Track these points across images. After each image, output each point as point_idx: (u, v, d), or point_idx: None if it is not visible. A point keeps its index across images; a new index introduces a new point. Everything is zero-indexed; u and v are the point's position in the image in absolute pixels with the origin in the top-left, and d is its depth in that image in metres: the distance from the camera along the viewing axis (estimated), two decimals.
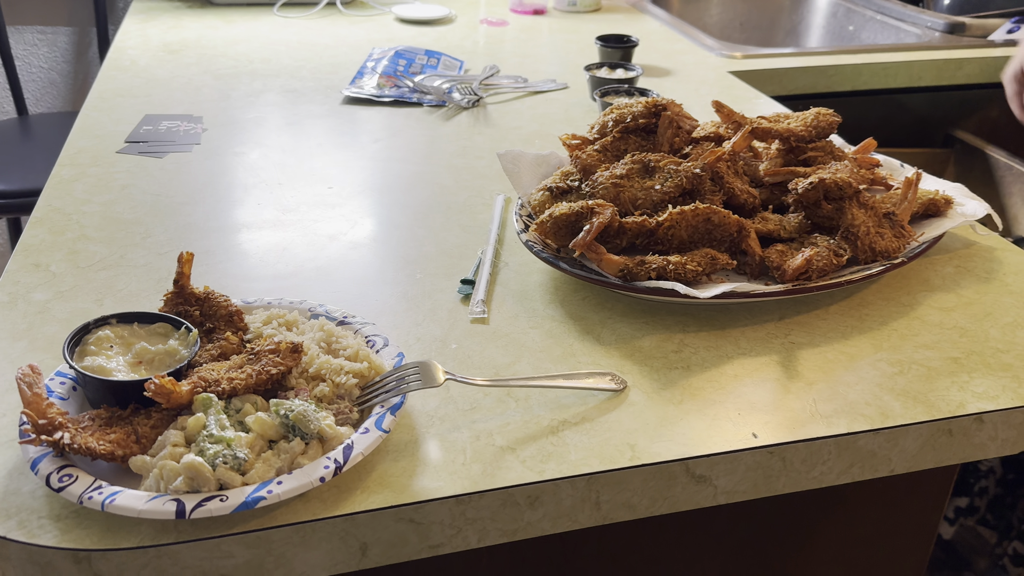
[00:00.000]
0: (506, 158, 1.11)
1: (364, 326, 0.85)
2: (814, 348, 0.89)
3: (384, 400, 0.75)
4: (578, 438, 0.76)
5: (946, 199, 1.06)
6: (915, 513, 1.00)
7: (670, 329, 0.91)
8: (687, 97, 1.59)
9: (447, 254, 1.05)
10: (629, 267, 0.92)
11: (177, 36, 1.84)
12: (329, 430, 0.70)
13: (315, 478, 0.67)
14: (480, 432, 0.76)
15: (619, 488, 0.73)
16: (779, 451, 0.76)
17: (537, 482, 0.71)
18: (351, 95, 1.54)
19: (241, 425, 0.71)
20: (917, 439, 0.79)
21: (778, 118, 1.14)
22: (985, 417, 0.80)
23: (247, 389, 0.73)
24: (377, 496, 0.69)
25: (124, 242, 1.05)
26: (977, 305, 0.96)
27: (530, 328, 0.91)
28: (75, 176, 1.22)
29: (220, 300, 0.84)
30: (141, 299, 0.94)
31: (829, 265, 0.94)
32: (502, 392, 0.81)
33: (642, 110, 1.10)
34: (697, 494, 0.76)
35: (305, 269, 1.01)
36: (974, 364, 0.87)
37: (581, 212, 0.96)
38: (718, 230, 0.96)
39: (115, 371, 0.75)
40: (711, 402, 0.81)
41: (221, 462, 0.66)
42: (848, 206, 0.97)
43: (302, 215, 1.14)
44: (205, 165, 1.27)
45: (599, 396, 0.81)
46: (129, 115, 1.43)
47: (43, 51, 2.36)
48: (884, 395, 0.82)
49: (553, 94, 1.60)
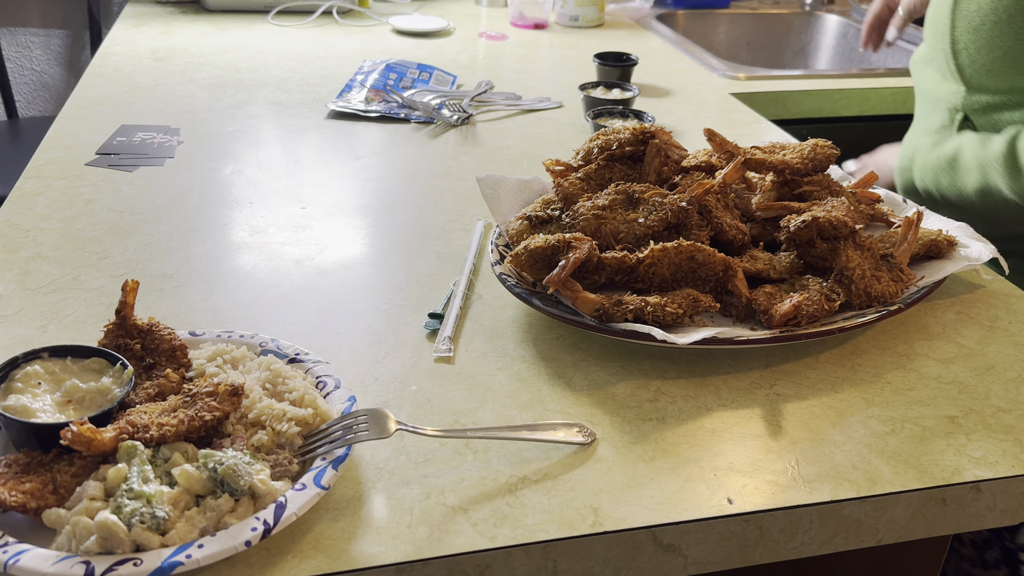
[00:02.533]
0: (486, 183, 1.06)
1: (316, 365, 0.79)
2: (801, 401, 0.83)
3: (328, 451, 0.69)
4: (537, 498, 0.70)
5: (949, 240, 1.00)
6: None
7: (647, 375, 0.85)
8: (685, 120, 1.53)
9: (418, 284, 1.00)
10: (605, 307, 0.86)
11: (166, 43, 1.79)
12: (262, 485, 0.64)
13: (240, 541, 0.61)
14: (431, 488, 0.70)
15: (579, 557, 0.67)
16: (756, 519, 0.70)
17: (488, 549, 0.65)
18: (337, 109, 1.48)
19: (168, 477, 0.65)
20: (907, 508, 0.73)
21: (773, 148, 1.08)
22: (983, 486, 0.74)
23: (177, 436, 0.68)
24: (310, 562, 0.63)
25: (79, 262, 1.00)
26: (979, 357, 0.90)
27: (498, 370, 0.86)
28: (39, 189, 1.17)
29: (164, 333, 0.79)
30: (87, 327, 0.89)
31: (820, 311, 0.87)
32: (460, 443, 0.75)
33: (629, 137, 1.04)
34: (665, 564, 0.70)
35: (265, 297, 0.95)
36: (973, 424, 0.80)
37: (558, 245, 0.90)
38: (702, 269, 0.90)
39: (40, 411, 0.70)
40: (685, 460, 0.75)
41: (138, 521, 0.61)
42: (843, 247, 0.91)
43: (270, 237, 1.08)
44: (176, 180, 1.21)
45: (565, 449, 0.75)
46: (105, 125, 1.38)
47: (36, 53, 2.32)
48: (873, 457, 0.76)
49: (546, 113, 1.55)
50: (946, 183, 1.16)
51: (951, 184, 1.16)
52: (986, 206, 1.15)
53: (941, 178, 1.16)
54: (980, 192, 1.14)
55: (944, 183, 1.16)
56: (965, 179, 1.14)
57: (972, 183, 1.14)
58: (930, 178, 1.18)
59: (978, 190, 1.14)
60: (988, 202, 1.14)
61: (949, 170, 1.15)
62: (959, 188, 1.16)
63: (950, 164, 1.15)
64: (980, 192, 1.14)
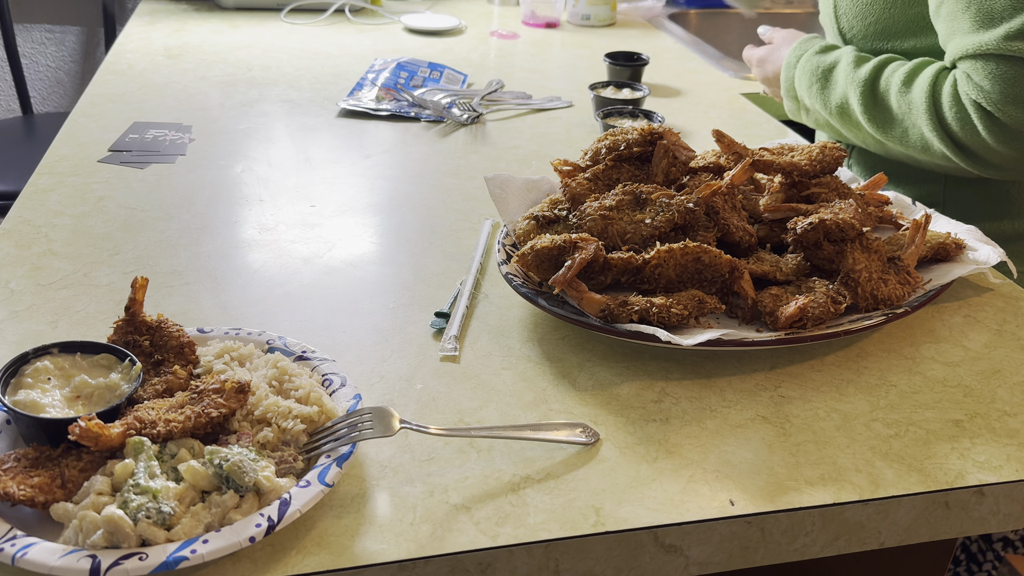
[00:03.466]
0: (493, 182, 1.06)
1: (322, 363, 0.80)
2: (805, 403, 0.83)
3: (332, 449, 0.70)
4: (540, 498, 0.70)
5: (957, 243, 0.99)
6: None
7: (652, 376, 0.86)
8: (695, 120, 1.53)
9: (425, 283, 1.00)
10: (611, 308, 0.86)
11: (179, 40, 1.80)
12: (267, 482, 0.65)
13: (244, 537, 0.61)
14: (435, 487, 0.71)
15: (580, 556, 0.68)
16: (758, 521, 0.70)
17: (490, 548, 0.66)
18: (348, 108, 1.49)
19: (174, 472, 0.66)
20: (910, 511, 0.73)
21: (782, 150, 1.07)
22: (986, 490, 0.74)
23: (184, 432, 0.68)
24: (314, 558, 0.64)
25: (90, 259, 1.01)
26: (985, 361, 0.90)
27: (503, 369, 0.86)
28: (52, 186, 1.18)
29: (172, 330, 0.80)
30: (97, 323, 0.90)
31: (826, 313, 0.87)
32: (463, 442, 0.76)
33: (637, 138, 1.04)
34: (667, 565, 0.70)
35: (274, 295, 0.96)
36: (977, 428, 0.80)
37: (564, 246, 0.90)
38: (708, 270, 0.90)
39: (49, 407, 0.71)
40: (688, 461, 0.75)
41: (144, 516, 0.61)
42: (850, 249, 0.91)
43: (279, 235, 1.09)
44: (187, 178, 1.22)
45: (568, 449, 0.76)
46: (117, 122, 1.39)
47: (51, 50, 2.34)
48: (877, 460, 0.76)
49: (556, 112, 1.55)
50: (817, 90, 1.18)
51: (820, 92, 1.18)
52: (841, 124, 1.18)
53: (814, 84, 1.19)
54: (840, 108, 1.16)
55: (816, 90, 1.18)
56: (831, 92, 1.16)
57: (836, 97, 1.16)
58: (805, 81, 1.20)
59: (838, 106, 1.16)
60: (845, 120, 1.17)
61: (823, 78, 1.17)
62: (824, 99, 1.18)
63: (825, 74, 1.17)
64: (840, 108, 1.16)
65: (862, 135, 1.18)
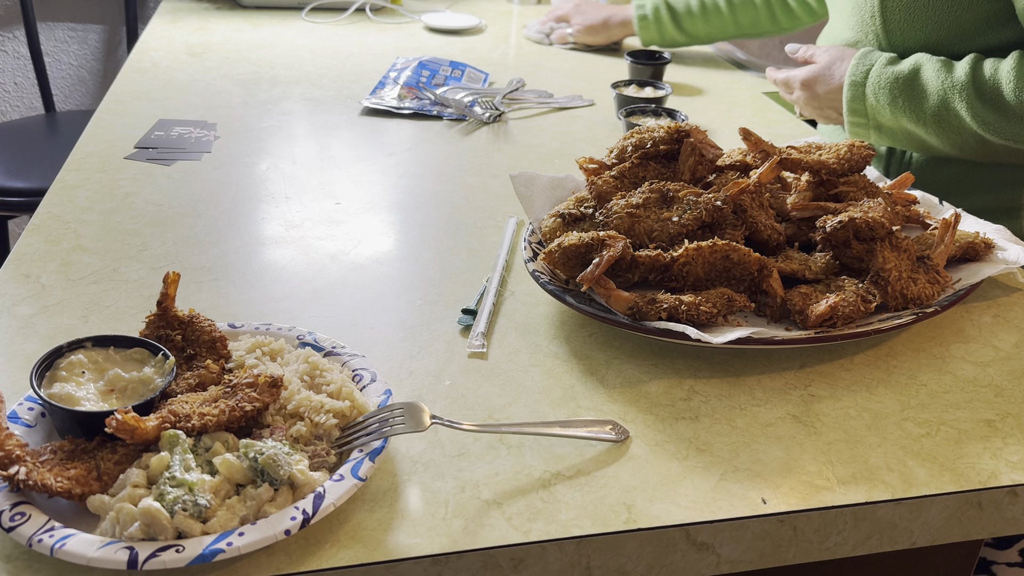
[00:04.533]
0: (519, 180, 1.06)
1: (352, 358, 0.80)
2: (835, 402, 0.82)
3: (364, 444, 0.70)
4: (571, 494, 0.70)
5: (986, 243, 0.99)
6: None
7: (680, 374, 0.85)
8: (718, 119, 1.53)
9: (451, 280, 1.00)
10: (639, 305, 0.86)
11: (201, 38, 1.81)
12: (301, 476, 0.65)
13: (280, 530, 0.62)
14: (466, 482, 0.71)
15: (612, 553, 0.68)
16: (790, 519, 0.70)
17: (522, 544, 0.66)
18: (371, 106, 1.50)
19: (209, 466, 0.66)
20: (943, 511, 0.73)
21: (809, 148, 1.07)
22: (1019, 490, 0.73)
23: (218, 426, 0.69)
24: (348, 552, 0.64)
25: (119, 254, 1.02)
26: (1016, 360, 0.89)
27: (531, 366, 0.86)
28: (79, 182, 1.19)
29: (204, 325, 0.80)
30: (128, 317, 0.90)
31: (856, 312, 0.87)
32: (493, 438, 0.76)
33: (663, 135, 1.04)
34: (698, 562, 0.70)
35: (302, 291, 0.97)
36: (1009, 428, 0.80)
37: (591, 243, 0.90)
38: (737, 268, 0.90)
39: (83, 400, 0.71)
40: (718, 459, 0.75)
41: (180, 508, 0.62)
42: (879, 248, 0.91)
43: (305, 232, 1.09)
44: (212, 175, 1.23)
45: (598, 447, 0.76)
46: (143, 119, 1.40)
47: (73, 48, 2.36)
48: (908, 460, 0.75)
49: (578, 111, 1.55)
50: (903, 102, 1.14)
51: (908, 104, 1.14)
52: (941, 130, 1.14)
53: (898, 96, 1.14)
54: (937, 116, 1.13)
55: (901, 102, 1.14)
56: (923, 101, 1.13)
57: (931, 106, 1.13)
58: (884, 96, 1.15)
59: (935, 114, 1.13)
60: (943, 127, 1.13)
61: (907, 89, 1.13)
62: (915, 111, 1.14)
63: (908, 84, 1.13)
64: (937, 116, 1.13)
65: (961, 140, 1.12)
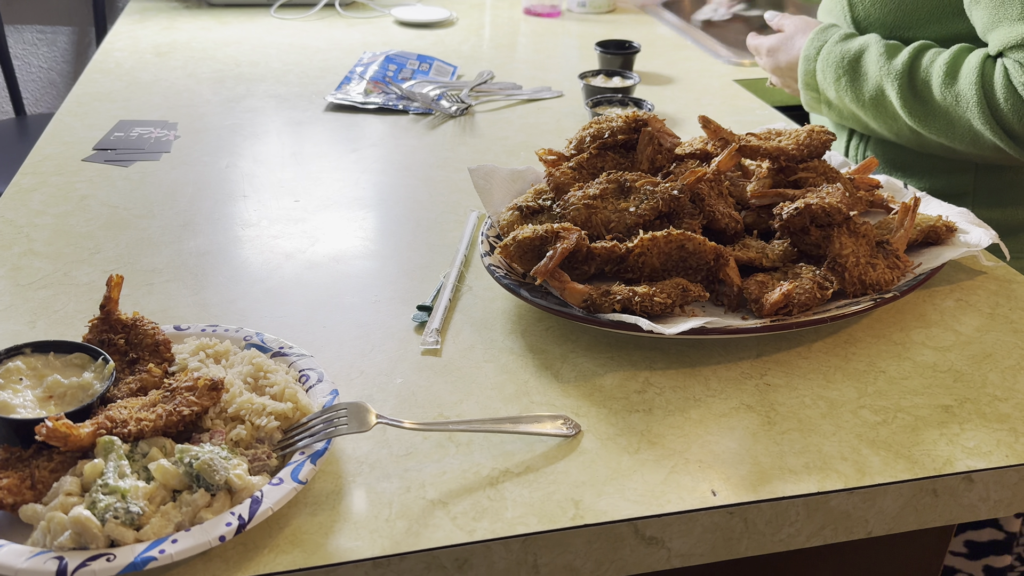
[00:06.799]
0: (477, 173, 1.05)
1: (300, 359, 0.79)
2: (791, 391, 0.81)
3: (307, 446, 0.69)
4: (518, 491, 0.69)
5: (948, 226, 0.98)
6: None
7: (636, 366, 0.84)
8: (687, 107, 1.52)
9: (409, 276, 0.99)
10: (593, 298, 0.85)
11: (168, 38, 1.79)
12: (238, 480, 0.64)
13: (214, 536, 0.61)
14: (412, 482, 0.70)
15: (559, 550, 0.67)
16: (740, 511, 0.69)
17: (466, 543, 0.65)
18: (336, 102, 1.48)
19: (146, 472, 0.65)
20: (897, 499, 0.72)
21: (769, 135, 1.06)
22: (975, 476, 0.72)
23: (155, 431, 0.67)
24: (286, 556, 0.63)
25: (71, 258, 1.00)
26: (976, 345, 0.88)
27: (485, 362, 0.85)
28: (35, 185, 1.17)
29: (148, 328, 0.79)
30: (76, 322, 0.89)
31: (812, 299, 0.86)
32: (442, 436, 0.75)
33: (621, 125, 1.03)
34: (648, 557, 0.69)
35: (254, 291, 0.95)
36: (967, 414, 0.79)
37: (546, 236, 0.89)
38: (693, 258, 0.89)
39: (20, 407, 0.70)
40: (670, 452, 0.74)
41: (112, 516, 0.60)
42: (836, 234, 0.89)
43: (262, 231, 1.08)
44: (171, 175, 1.21)
45: (548, 442, 0.74)
46: (103, 120, 1.38)
47: (42, 51, 2.33)
48: (863, 448, 0.74)
49: (547, 103, 1.53)
50: (846, 82, 1.13)
51: (850, 84, 1.13)
52: (876, 117, 1.14)
53: (842, 76, 1.14)
54: (874, 100, 1.12)
55: (844, 82, 1.14)
56: (863, 84, 1.12)
57: (869, 89, 1.12)
58: (830, 73, 1.15)
59: (873, 98, 1.12)
60: (880, 112, 1.12)
61: (851, 70, 1.13)
62: (855, 92, 1.13)
63: (852, 65, 1.13)
64: (874, 100, 1.12)
65: (896, 126, 1.12)
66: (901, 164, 1.22)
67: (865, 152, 1.26)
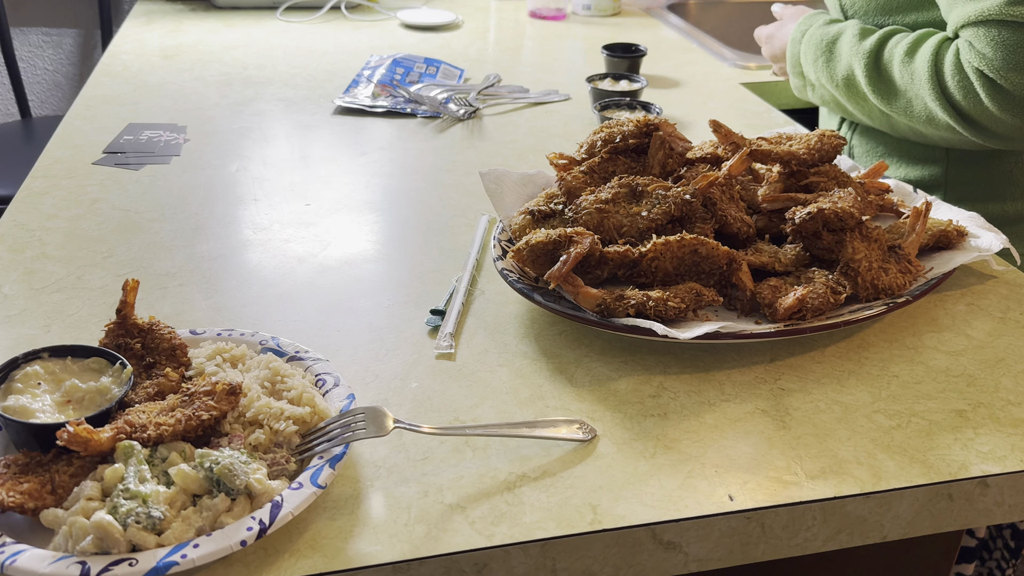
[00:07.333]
0: (489, 177, 1.05)
1: (316, 363, 0.79)
2: (805, 395, 0.81)
3: (325, 450, 0.69)
4: (536, 496, 0.69)
5: (959, 230, 0.98)
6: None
7: (650, 370, 0.84)
8: (694, 111, 1.52)
9: (421, 280, 0.99)
10: (607, 302, 0.85)
11: (174, 40, 1.80)
12: (258, 485, 0.64)
13: (235, 541, 0.61)
14: (430, 487, 0.70)
15: (577, 555, 0.67)
16: (757, 516, 0.69)
17: (485, 548, 0.65)
18: (344, 105, 1.48)
19: (166, 476, 0.65)
20: (913, 504, 0.72)
21: (780, 139, 1.06)
22: (990, 481, 0.73)
23: (175, 436, 0.68)
24: (307, 561, 0.63)
25: (83, 262, 1.00)
26: (989, 349, 0.88)
27: (499, 366, 0.85)
28: (46, 189, 1.17)
29: (164, 332, 0.79)
30: (90, 326, 0.89)
31: (825, 304, 0.86)
32: (459, 441, 0.75)
33: (632, 129, 1.03)
34: (665, 561, 0.69)
35: (268, 295, 0.95)
36: (981, 418, 0.79)
37: (559, 240, 0.89)
38: (706, 262, 0.89)
39: (39, 412, 0.70)
40: (686, 456, 0.74)
41: (134, 521, 0.61)
42: (849, 239, 0.90)
43: (273, 235, 1.08)
44: (181, 179, 1.22)
45: (564, 447, 0.75)
46: (112, 124, 1.39)
47: (48, 53, 2.34)
48: (878, 452, 0.75)
49: (554, 106, 1.54)
50: (822, 63, 1.17)
51: (825, 65, 1.17)
52: (848, 97, 1.17)
53: (819, 56, 1.17)
54: (846, 81, 1.15)
55: (821, 63, 1.17)
56: (837, 64, 1.15)
57: (841, 69, 1.15)
58: (810, 55, 1.19)
59: (844, 78, 1.15)
60: (852, 93, 1.15)
61: (827, 51, 1.16)
62: (830, 72, 1.17)
63: (829, 47, 1.16)
64: (846, 81, 1.15)
65: (868, 108, 1.16)
66: (877, 156, 1.26)
67: (852, 140, 1.29)
